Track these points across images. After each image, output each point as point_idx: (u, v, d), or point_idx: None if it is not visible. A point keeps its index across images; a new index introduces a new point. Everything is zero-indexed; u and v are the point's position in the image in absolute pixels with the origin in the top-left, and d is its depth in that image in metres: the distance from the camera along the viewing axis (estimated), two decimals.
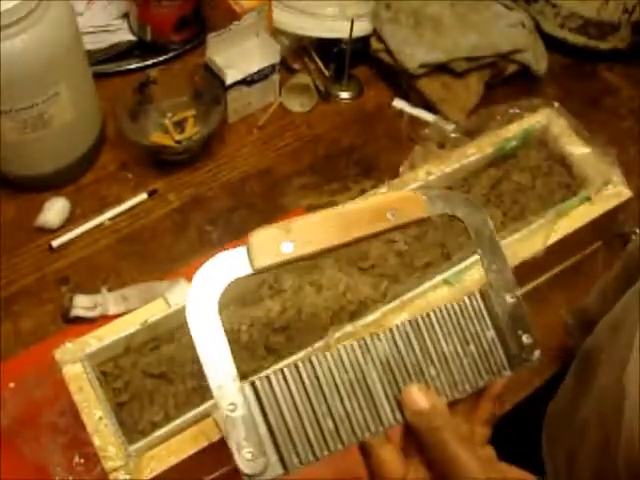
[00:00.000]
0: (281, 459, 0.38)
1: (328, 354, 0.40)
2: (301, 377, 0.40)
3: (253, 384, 0.39)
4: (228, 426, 0.37)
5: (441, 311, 0.43)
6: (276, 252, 0.39)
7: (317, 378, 0.40)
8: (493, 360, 0.43)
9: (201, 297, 0.38)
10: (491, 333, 0.44)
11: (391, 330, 0.42)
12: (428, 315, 0.43)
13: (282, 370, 0.39)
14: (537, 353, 0.44)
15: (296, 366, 0.40)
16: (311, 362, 0.40)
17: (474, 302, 0.44)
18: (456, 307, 0.43)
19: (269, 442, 0.38)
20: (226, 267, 0.39)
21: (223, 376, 0.38)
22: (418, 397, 0.40)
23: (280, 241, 0.39)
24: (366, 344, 0.41)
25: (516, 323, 0.44)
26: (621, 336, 0.54)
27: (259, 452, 0.37)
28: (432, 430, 0.40)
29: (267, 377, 0.39)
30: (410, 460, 0.41)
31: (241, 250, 0.39)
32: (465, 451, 0.39)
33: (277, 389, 0.39)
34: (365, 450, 0.41)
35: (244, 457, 0.37)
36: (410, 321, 0.42)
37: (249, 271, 0.39)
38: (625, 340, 0.51)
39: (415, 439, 0.41)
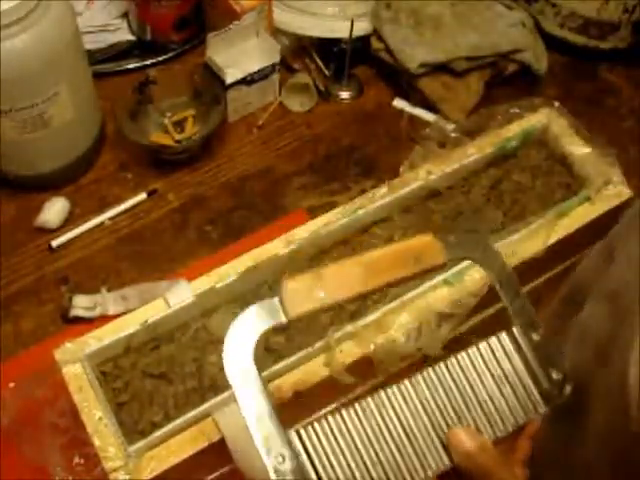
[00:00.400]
0: None
1: (370, 401, 0.41)
2: (346, 425, 0.40)
3: (299, 435, 0.39)
4: (278, 479, 0.38)
5: (474, 353, 0.44)
6: (308, 301, 0.40)
7: (362, 425, 0.40)
8: (528, 398, 0.44)
9: (236, 350, 0.39)
10: (522, 372, 0.44)
11: (429, 374, 0.43)
12: (462, 357, 0.44)
13: (327, 419, 0.40)
14: (568, 388, 0.44)
15: (340, 414, 0.40)
16: (355, 409, 0.41)
17: (503, 342, 0.45)
18: (487, 348, 0.44)
19: None
20: (259, 318, 0.40)
21: (267, 427, 0.38)
22: (464, 438, 0.41)
23: (312, 290, 0.40)
24: (407, 389, 0.42)
25: (545, 360, 0.44)
26: (612, 363, 0.45)
27: None
28: (481, 467, 0.40)
29: (312, 427, 0.40)
30: None
31: (274, 301, 0.40)
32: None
33: (323, 438, 0.39)
34: None
35: None
36: (446, 364, 0.43)
37: (282, 320, 0.40)
38: (617, 367, 0.43)
39: None
